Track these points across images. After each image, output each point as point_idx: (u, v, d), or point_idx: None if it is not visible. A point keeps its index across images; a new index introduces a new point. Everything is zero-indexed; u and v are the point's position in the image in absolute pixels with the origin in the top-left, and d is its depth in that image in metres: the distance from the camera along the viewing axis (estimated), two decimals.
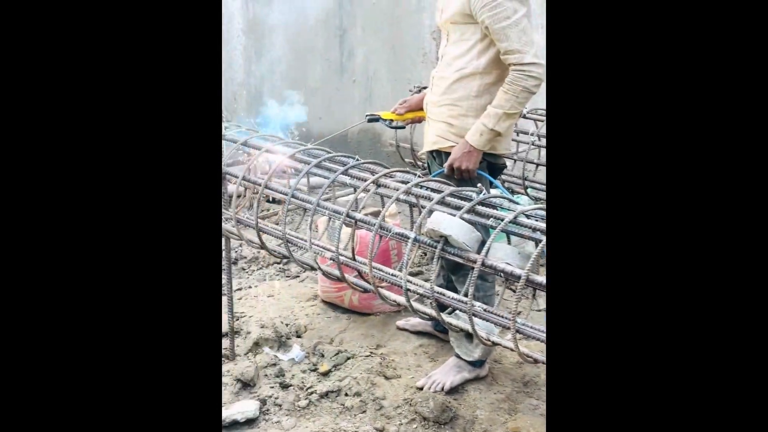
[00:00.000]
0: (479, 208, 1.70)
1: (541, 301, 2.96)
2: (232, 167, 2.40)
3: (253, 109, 5.46)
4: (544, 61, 2.06)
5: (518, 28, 2.06)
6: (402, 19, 4.49)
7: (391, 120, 2.65)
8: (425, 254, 3.37)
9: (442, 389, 2.40)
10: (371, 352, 2.65)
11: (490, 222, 1.70)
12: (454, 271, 2.36)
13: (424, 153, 2.43)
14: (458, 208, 1.72)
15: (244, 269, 3.53)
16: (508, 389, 2.47)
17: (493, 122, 2.09)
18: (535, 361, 1.56)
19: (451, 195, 1.78)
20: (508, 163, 3.08)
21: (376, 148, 4.75)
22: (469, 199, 1.75)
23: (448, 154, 2.25)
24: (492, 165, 2.30)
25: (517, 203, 1.77)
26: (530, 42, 2.08)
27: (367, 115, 2.73)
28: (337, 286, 2.94)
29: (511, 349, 1.59)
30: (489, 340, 1.67)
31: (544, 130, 3.14)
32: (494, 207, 1.73)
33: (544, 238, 1.51)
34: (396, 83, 4.58)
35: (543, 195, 3.20)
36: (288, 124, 3.74)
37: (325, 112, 4.93)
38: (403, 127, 2.81)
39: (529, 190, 3.20)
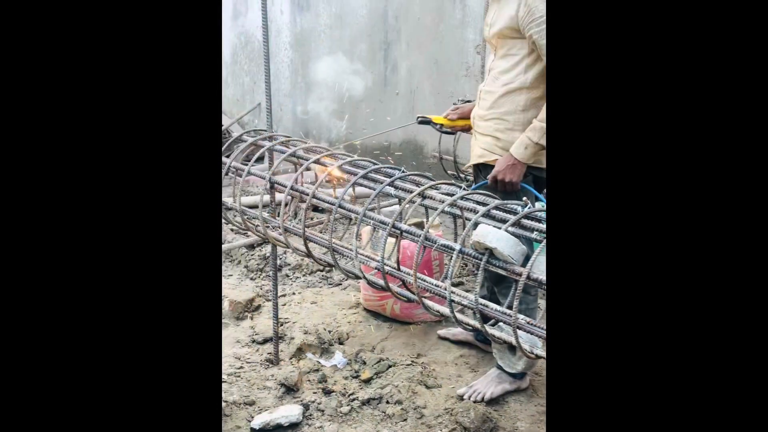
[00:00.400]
0: (524, 221, 1.68)
1: None
2: (280, 176, 2.41)
3: (298, 118, 5.51)
4: None
5: None
6: (445, 34, 4.49)
7: (442, 125, 2.61)
8: (466, 265, 3.35)
9: (483, 400, 2.37)
10: (412, 361, 2.64)
11: (534, 235, 1.67)
12: (497, 283, 2.33)
13: (469, 166, 2.41)
14: (503, 221, 1.70)
15: (288, 276, 3.55)
16: None
17: (538, 136, 2.07)
18: None
19: (497, 208, 1.76)
20: None
21: (419, 160, 4.74)
22: (514, 213, 1.73)
23: (493, 167, 2.23)
24: (537, 178, 2.27)
25: None
26: None
27: (418, 117, 2.68)
28: (379, 295, 2.94)
29: None
30: (532, 353, 1.64)
31: None
32: (539, 221, 1.71)
33: None
34: (438, 96, 4.57)
35: None
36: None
37: (369, 123, 4.95)
38: (453, 133, 2.74)
39: None
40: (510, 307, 1.61)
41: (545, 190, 2.37)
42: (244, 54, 5.95)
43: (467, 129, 2.61)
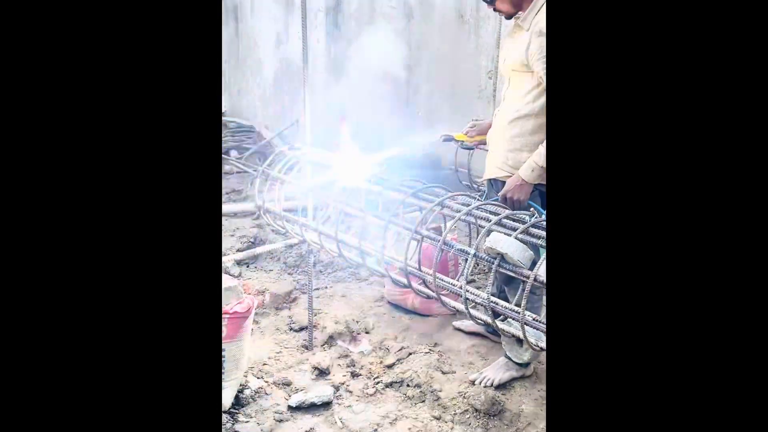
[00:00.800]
0: (532, 230, 1.67)
1: None
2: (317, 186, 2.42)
3: (331, 133, 5.53)
4: None
5: None
6: (461, 61, 4.47)
7: (463, 141, 2.62)
8: (477, 265, 3.33)
9: (492, 385, 2.36)
10: (430, 349, 2.64)
11: (540, 242, 1.66)
12: (507, 284, 2.32)
13: (484, 180, 2.40)
14: (513, 229, 1.69)
15: (321, 272, 3.56)
16: None
17: (542, 160, 2.06)
18: None
19: (507, 217, 1.75)
20: None
21: (436, 171, 4.73)
22: (522, 222, 1.72)
23: (504, 182, 2.22)
24: (543, 193, 2.26)
25: None
26: None
27: (442, 136, 2.70)
28: (401, 290, 2.93)
29: None
30: (537, 346, 1.63)
31: None
32: (544, 229, 1.70)
33: None
34: (454, 116, 4.56)
35: None
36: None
37: (393, 139, 4.96)
38: (473, 148, 2.75)
39: None
40: (518, 305, 1.61)
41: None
42: (285, 77, 5.98)
43: (484, 143, 2.60)
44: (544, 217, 1.85)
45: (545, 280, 1.52)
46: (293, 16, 5.74)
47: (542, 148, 2.06)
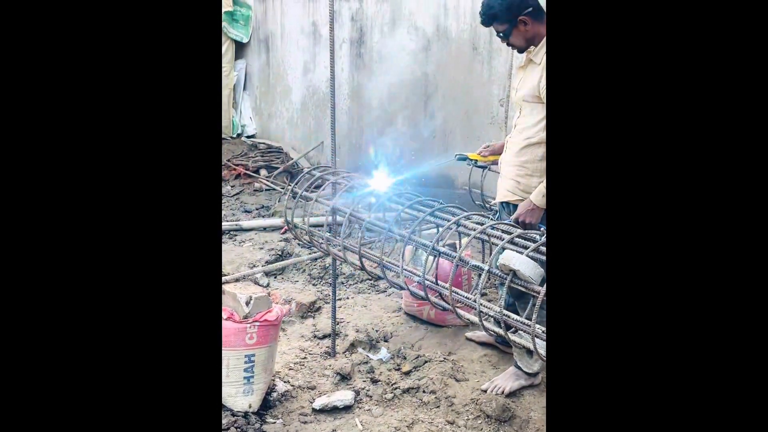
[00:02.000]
0: (542, 248, 1.67)
1: None
2: (341, 204, 2.44)
3: (353, 155, 5.57)
4: None
5: None
6: (474, 89, 4.50)
7: (476, 161, 2.60)
8: (489, 280, 3.32)
9: (503, 393, 2.34)
10: (444, 358, 2.63)
11: None
12: (518, 298, 2.31)
13: (496, 203, 2.41)
14: (525, 247, 1.69)
15: (343, 283, 3.57)
16: None
17: None
18: None
19: (519, 236, 1.76)
20: None
21: (451, 190, 4.74)
22: (534, 240, 1.72)
23: (515, 205, 2.23)
24: None
25: None
26: None
27: (456, 155, 2.67)
28: (418, 302, 2.93)
29: None
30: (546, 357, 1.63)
31: None
32: None
33: None
34: (468, 140, 4.57)
35: None
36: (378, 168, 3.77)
37: (411, 161, 4.98)
38: (486, 167, 2.72)
39: None
40: (529, 319, 1.61)
41: None
42: (311, 102, 6.05)
43: (496, 163, 2.59)
44: None
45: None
46: (320, 47, 5.82)
47: None
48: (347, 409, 2.28)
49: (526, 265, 1.59)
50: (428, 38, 4.75)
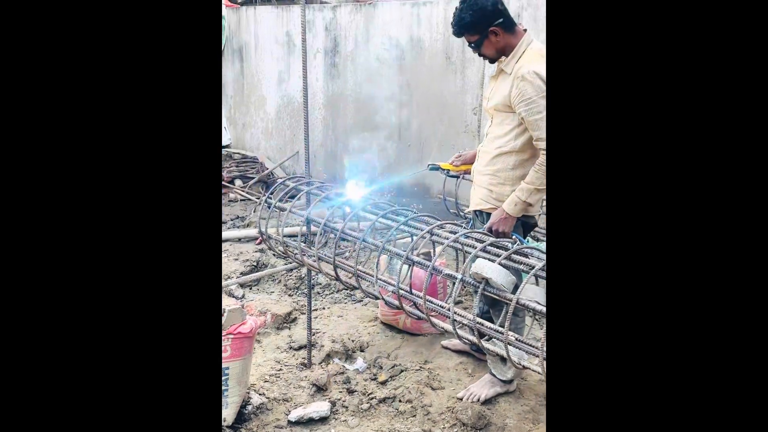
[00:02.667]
0: (514, 256, 1.69)
1: None
2: (315, 214, 2.43)
3: (329, 164, 5.56)
4: None
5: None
6: (448, 98, 4.54)
7: (449, 170, 2.62)
8: (464, 288, 3.33)
9: (478, 400, 2.35)
10: (420, 367, 2.63)
11: (522, 267, 1.68)
12: (492, 306, 2.33)
13: (470, 211, 2.42)
14: (497, 255, 1.71)
15: (319, 293, 3.55)
16: (533, 402, 2.40)
17: (525, 196, 2.08)
18: None
19: (491, 245, 1.77)
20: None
21: (426, 199, 4.76)
22: (506, 249, 1.74)
23: (488, 214, 2.24)
24: (525, 223, 2.28)
25: (542, 251, 1.74)
26: None
27: (429, 165, 2.68)
28: (393, 311, 2.93)
29: (538, 372, 1.55)
30: (520, 364, 1.64)
31: None
32: (526, 256, 1.72)
33: None
34: (442, 147, 4.61)
35: None
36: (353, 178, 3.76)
37: (387, 168, 4.99)
38: (457, 176, 2.74)
39: None
40: (502, 326, 1.62)
41: (530, 233, 2.37)
42: (286, 112, 6.03)
43: (468, 172, 2.61)
44: (525, 243, 1.87)
45: (530, 305, 1.53)
46: (294, 57, 5.81)
47: (524, 184, 2.09)
48: (323, 420, 2.26)
49: (498, 273, 1.60)
50: (402, 48, 4.78)
